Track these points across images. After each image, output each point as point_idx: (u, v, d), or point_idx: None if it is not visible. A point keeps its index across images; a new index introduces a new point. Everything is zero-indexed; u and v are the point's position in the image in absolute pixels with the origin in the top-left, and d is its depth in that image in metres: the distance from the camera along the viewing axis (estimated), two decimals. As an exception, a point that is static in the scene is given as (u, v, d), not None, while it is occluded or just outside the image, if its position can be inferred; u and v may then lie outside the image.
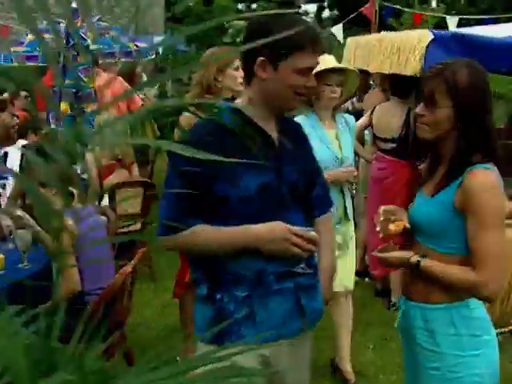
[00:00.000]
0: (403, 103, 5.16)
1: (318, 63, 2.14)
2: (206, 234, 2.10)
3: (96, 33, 7.87)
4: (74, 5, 6.13)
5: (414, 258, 2.23)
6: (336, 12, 36.63)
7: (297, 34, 1.99)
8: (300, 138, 2.37)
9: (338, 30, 10.74)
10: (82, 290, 3.38)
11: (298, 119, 3.77)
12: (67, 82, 6.04)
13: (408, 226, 2.32)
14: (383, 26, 9.37)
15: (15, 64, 7.72)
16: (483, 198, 2.09)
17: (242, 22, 11.54)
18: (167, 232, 2.13)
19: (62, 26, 6.02)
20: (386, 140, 5.25)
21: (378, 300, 5.45)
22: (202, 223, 2.10)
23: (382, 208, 2.38)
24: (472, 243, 2.12)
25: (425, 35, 4.23)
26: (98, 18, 8.45)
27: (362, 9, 10.66)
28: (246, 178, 2.09)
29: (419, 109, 2.21)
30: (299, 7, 39.99)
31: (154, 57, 8.21)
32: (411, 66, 4.25)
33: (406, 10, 11.01)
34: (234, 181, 2.08)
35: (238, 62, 3.65)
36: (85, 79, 6.07)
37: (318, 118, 3.78)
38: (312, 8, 40.10)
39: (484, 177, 2.11)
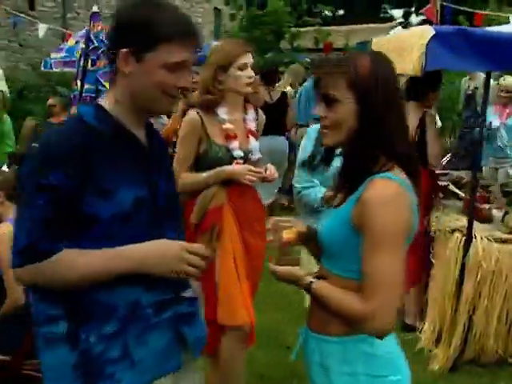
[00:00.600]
0: (418, 106, 4.79)
1: (190, 59, 1.84)
2: (76, 260, 1.75)
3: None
4: (95, 9, 6.10)
5: (308, 278, 1.91)
6: (423, 17, 35.41)
7: (166, 23, 1.77)
8: (163, 144, 2.12)
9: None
10: (28, 300, 3.23)
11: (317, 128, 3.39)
12: (87, 86, 5.97)
13: (303, 231, 2.02)
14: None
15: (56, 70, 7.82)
16: (379, 214, 1.74)
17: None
18: (25, 261, 1.74)
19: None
20: (402, 146, 4.87)
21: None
22: (69, 247, 1.76)
23: (274, 219, 2.07)
24: (363, 266, 1.78)
25: (426, 31, 3.83)
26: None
27: (423, 10, 10.19)
28: (120, 192, 1.79)
29: (320, 110, 1.89)
30: (386, 12, 39.39)
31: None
32: (411, 65, 3.86)
33: (462, 8, 10.40)
34: (106, 195, 1.77)
35: (246, 59, 3.24)
36: (104, 84, 6.00)
37: None
38: (398, 13, 39.22)
39: (382, 188, 1.76)
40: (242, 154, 3.32)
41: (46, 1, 16.72)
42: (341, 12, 35.23)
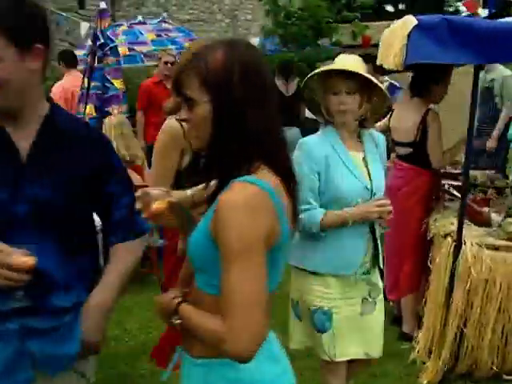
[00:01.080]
0: (422, 103, 4.50)
1: None
2: None
3: (154, 34, 7.78)
4: (103, 5, 6.03)
5: (177, 299, 1.73)
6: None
7: None
8: (80, 143, 1.93)
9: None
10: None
11: (315, 137, 3.03)
12: (93, 83, 5.92)
13: (175, 201, 1.86)
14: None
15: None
16: (229, 220, 1.53)
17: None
18: None
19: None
20: (403, 144, 4.59)
21: (392, 328, 4.75)
22: None
23: (144, 189, 1.90)
24: (220, 282, 1.59)
25: (408, 22, 3.55)
26: (160, 19, 8.36)
27: (463, 3, 9.72)
28: None
29: (183, 112, 1.72)
30: (450, 6, 38.31)
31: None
32: (392, 58, 3.60)
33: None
34: None
35: None
36: (112, 81, 5.93)
37: (339, 136, 2.97)
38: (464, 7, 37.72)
39: (236, 192, 1.56)
40: None
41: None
42: (402, 6, 34.52)
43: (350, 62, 2.97)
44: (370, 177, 2.96)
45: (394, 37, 3.69)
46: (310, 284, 3.00)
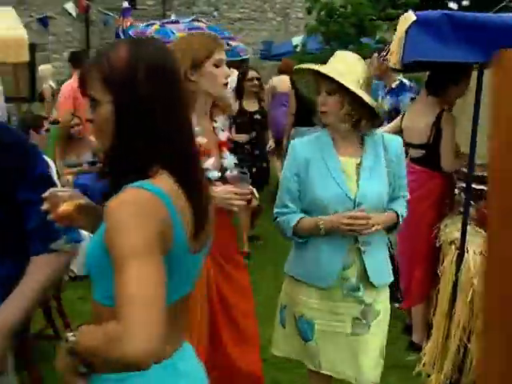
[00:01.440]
0: (437, 103, 4.29)
1: None
2: None
3: (185, 33, 7.75)
4: (125, 4, 6.04)
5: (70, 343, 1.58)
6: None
7: None
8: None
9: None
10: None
11: (304, 139, 2.91)
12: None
13: (83, 203, 1.77)
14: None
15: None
16: (117, 225, 1.44)
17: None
18: None
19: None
20: (415, 146, 4.40)
21: (403, 337, 4.57)
22: None
23: (52, 189, 1.82)
24: (114, 288, 1.49)
25: (408, 17, 3.38)
26: (192, 18, 8.34)
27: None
28: None
29: (88, 113, 1.65)
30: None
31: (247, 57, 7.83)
32: (391, 55, 3.45)
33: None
34: None
35: (221, 54, 2.81)
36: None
37: (332, 139, 2.82)
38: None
39: (127, 197, 1.47)
40: (218, 175, 2.86)
41: (148, -1, 17.12)
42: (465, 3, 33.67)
43: (346, 60, 2.83)
44: (358, 185, 2.75)
45: (398, 33, 3.53)
46: (297, 291, 2.91)
